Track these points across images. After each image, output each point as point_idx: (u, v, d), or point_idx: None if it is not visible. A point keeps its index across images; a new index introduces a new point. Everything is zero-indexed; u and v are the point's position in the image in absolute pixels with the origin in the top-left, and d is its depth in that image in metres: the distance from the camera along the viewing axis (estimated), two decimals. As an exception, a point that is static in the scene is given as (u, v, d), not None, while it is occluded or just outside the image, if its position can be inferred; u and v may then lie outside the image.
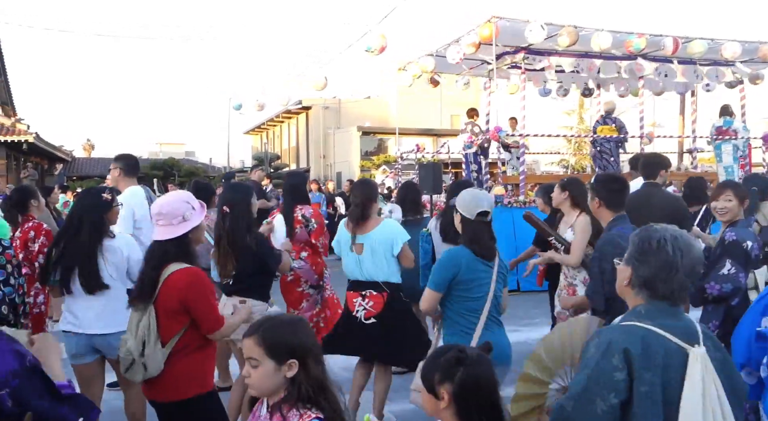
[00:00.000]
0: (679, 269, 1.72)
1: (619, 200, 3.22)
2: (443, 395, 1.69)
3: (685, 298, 1.86)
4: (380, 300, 3.93)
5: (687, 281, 1.75)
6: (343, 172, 30.55)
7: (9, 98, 24.61)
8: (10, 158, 19.00)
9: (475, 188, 3.27)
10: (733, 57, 10.09)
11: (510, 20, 9.07)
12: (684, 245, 1.75)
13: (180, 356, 2.56)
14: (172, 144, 44.68)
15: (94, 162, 33.96)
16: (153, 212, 2.66)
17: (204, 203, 2.81)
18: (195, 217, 2.65)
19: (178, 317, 2.56)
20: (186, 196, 2.73)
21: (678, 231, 1.79)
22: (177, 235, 2.59)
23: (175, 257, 2.58)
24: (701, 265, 1.80)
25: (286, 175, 5.57)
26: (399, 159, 13.87)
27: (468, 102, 16.61)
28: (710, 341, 1.75)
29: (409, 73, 11.44)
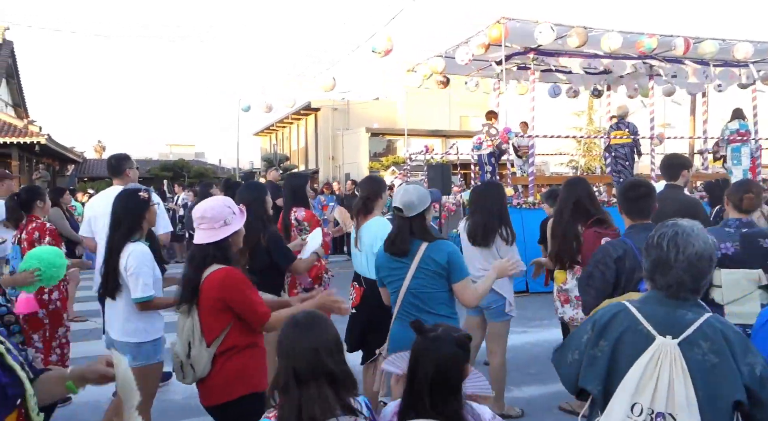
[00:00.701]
0: (672, 264, 1.80)
1: (636, 208, 3.11)
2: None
3: (692, 291, 1.82)
4: (359, 293, 4.07)
5: (685, 276, 1.79)
6: (351, 173, 30.57)
7: (21, 100, 24.84)
8: (22, 160, 19.16)
9: (415, 185, 3.16)
10: (745, 58, 10.01)
11: (519, 21, 9.05)
12: (682, 242, 1.80)
13: (228, 356, 2.59)
14: (182, 145, 44.96)
15: (104, 163, 34.05)
16: (195, 216, 2.69)
17: (244, 208, 2.86)
18: (236, 221, 2.71)
19: (220, 316, 2.59)
20: (228, 201, 2.77)
21: (683, 227, 1.83)
22: (218, 239, 2.64)
23: (213, 259, 2.64)
24: (706, 260, 1.80)
25: (288, 177, 5.56)
26: (408, 160, 13.86)
27: (476, 103, 16.59)
28: (709, 342, 1.72)
29: (419, 75, 11.44)
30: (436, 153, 14.45)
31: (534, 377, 4.87)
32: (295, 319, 1.90)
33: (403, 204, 2.98)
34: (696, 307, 1.84)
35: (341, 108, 34.33)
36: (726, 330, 1.76)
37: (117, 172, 4.62)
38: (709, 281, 1.87)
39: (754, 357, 1.72)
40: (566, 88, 12.81)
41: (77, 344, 5.26)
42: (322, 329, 1.86)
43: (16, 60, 23.15)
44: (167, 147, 45.35)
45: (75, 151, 25.94)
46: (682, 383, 1.70)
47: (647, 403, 1.72)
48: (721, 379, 1.69)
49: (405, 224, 3.02)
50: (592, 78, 12.13)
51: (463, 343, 1.87)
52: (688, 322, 1.77)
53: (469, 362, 1.93)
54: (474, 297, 3.04)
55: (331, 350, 1.83)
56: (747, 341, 1.77)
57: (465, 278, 2.98)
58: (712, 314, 1.82)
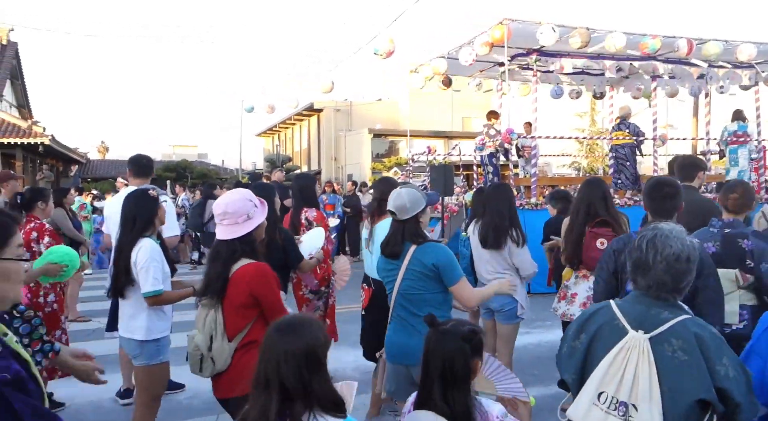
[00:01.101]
0: (651, 266, 1.86)
1: (661, 207, 3.03)
2: None
3: (673, 291, 1.87)
4: (368, 295, 4.11)
5: (665, 277, 1.85)
6: (354, 174, 30.57)
7: (26, 101, 24.92)
8: (26, 160, 19.23)
9: (408, 189, 3.15)
10: (748, 59, 10.00)
11: (522, 22, 9.06)
12: (660, 243, 1.86)
13: (246, 351, 2.58)
14: (185, 146, 45.07)
15: (108, 164, 34.30)
16: (217, 212, 2.66)
17: (265, 201, 2.84)
18: (258, 214, 2.69)
19: (246, 312, 2.58)
20: (248, 194, 2.72)
21: (662, 230, 1.90)
22: (243, 233, 2.61)
23: (242, 254, 2.62)
24: (683, 261, 1.84)
25: (295, 177, 5.56)
26: (410, 161, 13.87)
27: (479, 104, 16.59)
28: (680, 340, 1.77)
29: (422, 75, 11.45)
30: (439, 154, 14.45)
31: (537, 378, 4.87)
32: (279, 322, 1.82)
33: (396, 207, 3.02)
34: (674, 308, 1.89)
35: (344, 109, 34.35)
36: (702, 332, 1.79)
37: (148, 172, 4.65)
38: (690, 281, 1.90)
39: (729, 359, 1.75)
40: (568, 89, 12.81)
41: (79, 344, 5.27)
42: (298, 336, 1.74)
43: (20, 61, 23.22)
44: (170, 148, 45.47)
45: (78, 151, 26.02)
46: (647, 375, 1.77)
47: (612, 392, 1.81)
48: (688, 377, 1.74)
49: (398, 227, 3.06)
50: (594, 79, 12.14)
51: (470, 338, 1.89)
52: (662, 320, 1.83)
53: (481, 358, 1.96)
54: (473, 297, 3.07)
55: (297, 360, 1.70)
56: (723, 344, 1.79)
57: (459, 278, 2.97)
58: (690, 317, 1.86)
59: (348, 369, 5.25)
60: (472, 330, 1.93)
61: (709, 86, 12.13)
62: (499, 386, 2.25)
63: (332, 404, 1.72)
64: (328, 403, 1.71)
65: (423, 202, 3.07)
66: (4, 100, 20.85)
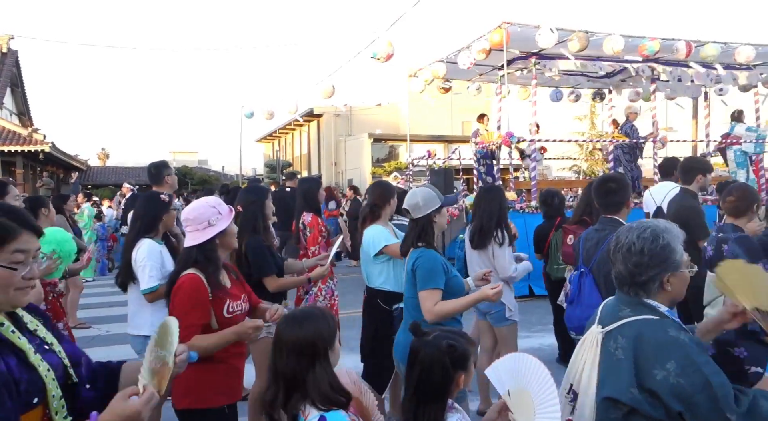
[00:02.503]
0: (612, 258, 1.93)
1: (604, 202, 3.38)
2: None
3: (633, 286, 1.87)
4: (364, 301, 4.10)
5: (622, 268, 1.87)
6: (354, 179, 30.59)
7: (26, 109, 24.98)
8: (27, 168, 19.25)
9: (423, 187, 3.22)
10: (747, 60, 10.01)
11: (521, 26, 9.07)
12: (621, 237, 1.90)
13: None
14: (186, 152, 45.14)
15: (108, 171, 34.32)
16: (182, 219, 2.64)
17: (233, 208, 2.75)
18: (221, 222, 2.57)
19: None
20: (213, 201, 2.65)
21: (629, 224, 1.94)
22: (203, 240, 2.53)
23: (195, 262, 2.53)
24: (636, 253, 1.83)
25: (300, 181, 5.56)
26: (410, 166, 13.88)
27: (479, 108, 16.58)
28: (624, 339, 1.79)
29: (421, 80, 11.46)
30: (439, 158, 14.46)
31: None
32: (289, 314, 1.90)
33: (409, 205, 3.06)
34: (640, 306, 1.84)
35: (343, 114, 34.40)
36: (647, 334, 1.75)
37: (157, 179, 4.66)
38: (652, 277, 1.82)
39: (678, 367, 1.66)
40: (567, 92, 12.83)
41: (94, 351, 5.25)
42: (299, 328, 1.79)
43: (20, 69, 23.29)
44: (170, 154, 45.52)
45: (79, 158, 26.05)
46: (590, 368, 1.86)
47: (572, 381, 1.93)
48: (613, 375, 1.78)
49: (411, 226, 3.10)
50: (593, 82, 12.16)
51: (449, 351, 1.82)
52: (619, 317, 1.86)
53: (465, 371, 1.86)
54: (429, 311, 2.84)
55: (295, 351, 1.75)
56: (679, 347, 1.69)
57: (426, 289, 2.86)
58: (647, 318, 1.79)
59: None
60: (452, 344, 1.85)
61: (708, 88, 12.14)
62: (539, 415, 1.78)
63: (330, 397, 1.74)
64: (327, 396, 1.73)
65: (438, 202, 3.05)
66: (4, 108, 20.90)
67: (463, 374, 1.87)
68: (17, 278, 1.47)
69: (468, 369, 1.89)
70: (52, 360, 1.55)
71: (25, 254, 1.49)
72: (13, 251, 1.46)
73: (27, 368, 1.47)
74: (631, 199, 3.42)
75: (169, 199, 3.61)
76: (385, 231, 3.98)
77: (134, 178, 25.11)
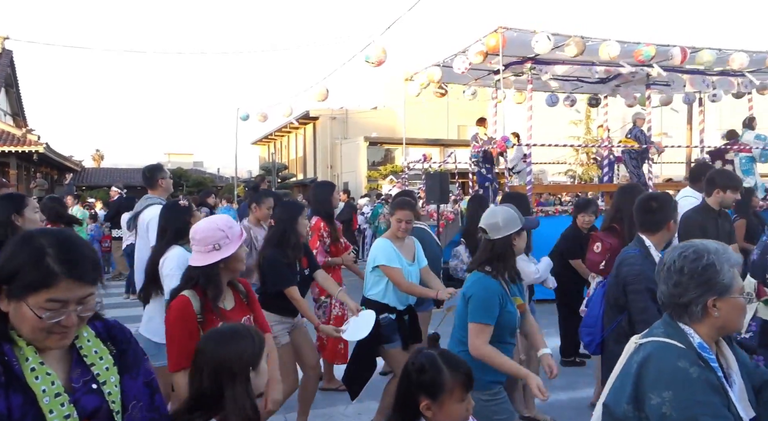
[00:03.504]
0: (657, 278, 1.87)
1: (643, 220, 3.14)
2: None
3: (675, 307, 1.79)
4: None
5: (664, 288, 1.82)
6: (350, 182, 30.58)
7: (20, 109, 24.86)
8: (20, 169, 19.15)
9: (504, 207, 2.99)
10: (740, 67, 10.06)
11: (517, 31, 9.09)
12: (667, 256, 1.84)
13: None
14: (181, 154, 45.03)
15: (103, 172, 34.19)
16: (190, 236, 2.57)
17: (244, 232, 2.65)
18: (228, 247, 2.44)
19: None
20: (223, 223, 2.51)
21: (675, 245, 1.89)
22: (206, 263, 2.44)
23: (194, 285, 2.46)
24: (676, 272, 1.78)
25: (314, 185, 5.61)
26: (406, 169, 13.86)
27: (475, 112, 16.61)
28: (640, 356, 1.78)
29: (417, 83, 11.47)
30: (434, 162, 14.46)
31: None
32: (215, 329, 1.86)
33: (487, 225, 2.83)
34: (671, 329, 1.77)
35: (339, 117, 34.41)
36: (650, 361, 1.70)
37: (151, 182, 4.63)
38: (693, 300, 1.74)
39: (672, 396, 1.62)
40: (563, 97, 12.86)
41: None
42: (220, 346, 1.73)
43: (15, 69, 23.18)
44: (165, 156, 45.38)
45: (73, 160, 25.96)
46: (615, 373, 1.85)
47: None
48: (620, 386, 1.78)
49: (486, 247, 2.85)
50: (589, 86, 12.19)
51: (417, 371, 1.77)
52: (653, 333, 1.82)
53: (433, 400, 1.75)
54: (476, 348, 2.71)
55: (211, 369, 1.69)
56: (683, 381, 1.63)
57: (477, 322, 2.71)
58: (672, 343, 1.73)
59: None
60: (422, 365, 1.76)
61: (702, 95, 12.19)
62: None
63: (241, 418, 1.67)
64: (237, 417, 1.67)
65: (519, 224, 2.83)
66: (-2, 108, 20.79)
67: (427, 402, 1.75)
68: (47, 324, 1.31)
69: (439, 402, 1.75)
70: (88, 404, 1.38)
71: (62, 304, 1.32)
72: (47, 299, 1.30)
73: (33, 410, 1.31)
74: (674, 221, 3.10)
75: (189, 202, 3.67)
76: (388, 247, 3.93)
77: (128, 179, 25.02)
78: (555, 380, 2.93)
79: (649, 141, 10.72)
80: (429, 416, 1.76)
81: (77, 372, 1.40)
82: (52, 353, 1.38)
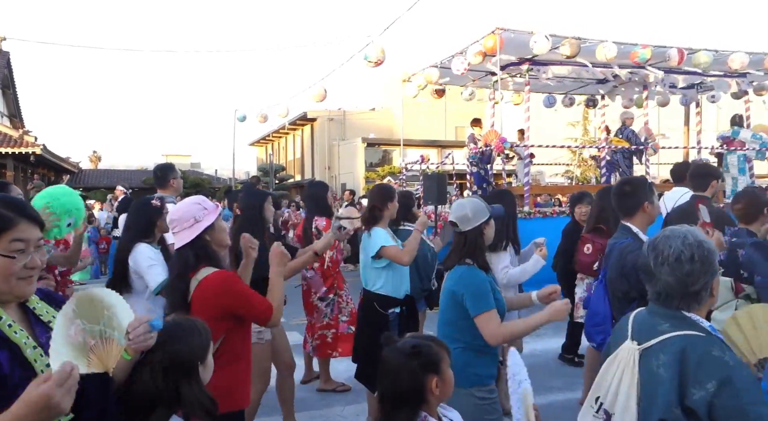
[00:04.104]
0: (654, 270, 1.80)
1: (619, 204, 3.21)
2: None
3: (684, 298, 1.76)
4: (360, 304, 4.13)
5: (670, 280, 1.75)
6: (347, 183, 30.57)
7: (17, 111, 24.81)
8: (17, 170, 19.11)
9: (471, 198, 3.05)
10: (741, 68, 10.08)
11: (514, 32, 9.11)
12: (661, 245, 1.79)
13: (220, 367, 2.42)
14: (178, 155, 44.97)
15: (100, 173, 34.13)
16: (168, 222, 2.64)
17: (218, 204, 2.73)
18: (207, 217, 2.55)
19: (217, 324, 2.43)
20: (197, 198, 2.64)
21: (665, 231, 1.84)
22: (191, 238, 2.51)
23: (197, 261, 2.51)
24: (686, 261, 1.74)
25: (309, 185, 5.64)
26: (403, 170, 13.87)
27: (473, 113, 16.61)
28: (667, 356, 1.68)
29: (414, 84, 11.48)
30: (432, 163, 14.47)
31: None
32: (165, 324, 1.78)
33: (457, 218, 2.85)
34: (680, 321, 1.74)
35: (337, 118, 34.40)
36: (693, 350, 1.65)
37: (162, 182, 4.63)
38: (704, 285, 1.75)
39: (718, 384, 1.58)
40: (561, 97, 12.88)
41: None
42: (171, 340, 1.71)
43: (12, 70, 23.14)
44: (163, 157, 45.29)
45: (70, 161, 25.88)
46: (626, 387, 1.75)
47: (602, 398, 1.82)
48: (660, 394, 1.67)
49: (459, 240, 2.86)
50: (586, 88, 12.21)
51: (414, 354, 1.77)
52: (658, 332, 1.75)
53: (438, 374, 1.79)
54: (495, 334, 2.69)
55: (162, 365, 1.67)
56: (722, 367, 1.62)
57: (482, 312, 2.69)
58: (694, 334, 1.70)
59: (341, 378, 5.20)
60: (416, 346, 1.79)
61: (699, 95, 12.21)
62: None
63: (203, 412, 1.69)
64: (197, 410, 1.68)
65: (487, 213, 2.87)
66: (-5, 109, 20.74)
67: (435, 378, 1.78)
68: (17, 267, 1.46)
69: (442, 373, 1.80)
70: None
71: (25, 243, 1.48)
72: (11, 240, 1.46)
73: (21, 364, 1.44)
74: (650, 202, 3.13)
75: (161, 203, 3.56)
76: (383, 233, 3.99)
77: (126, 181, 24.99)
78: (553, 380, 2.93)
79: (639, 141, 10.75)
80: (437, 393, 1.79)
81: (38, 329, 1.53)
82: (12, 313, 1.51)
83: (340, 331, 4.94)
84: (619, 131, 10.72)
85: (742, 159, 9.96)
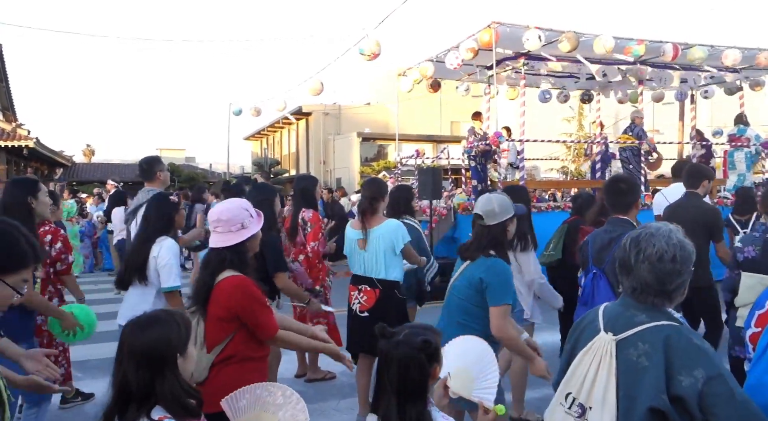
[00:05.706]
0: (633, 266, 1.78)
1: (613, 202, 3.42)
2: None
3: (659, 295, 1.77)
4: (372, 296, 4.13)
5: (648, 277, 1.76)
6: (343, 178, 30.54)
7: (10, 104, 24.63)
8: (10, 163, 19.00)
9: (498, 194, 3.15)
10: (733, 64, 10.11)
11: (510, 26, 9.09)
12: (643, 242, 1.78)
13: (222, 367, 2.51)
14: (173, 149, 44.71)
15: (93, 167, 33.96)
16: (211, 219, 2.63)
17: (261, 212, 2.78)
18: (253, 225, 2.62)
19: (224, 325, 2.51)
20: (244, 203, 2.68)
21: (648, 228, 1.82)
22: (235, 242, 2.56)
23: (230, 264, 2.56)
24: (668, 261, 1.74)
25: (297, 178, 5.69)
26: (399, 165, 13.86)
27: (468, 108, 16.61)
28: (647, 345, 1.70)
29: (409, 79, 11.46)
30: (427, 157, 14.46)
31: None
32: (140, 316, 1.77)
33: (484, 212, 2.96)
34: (656, 312, 1.77)
35: (332, 113, 34.31)
36: (677, 338, 1.69)
37: (149, 175, 4.63)
38: (680, 284, 1.77)
39: (706, 372, 1.63)
40: (556, 93, 12.89)
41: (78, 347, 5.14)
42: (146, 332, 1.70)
43: (4, 63, 22.95)
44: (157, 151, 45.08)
45: (64, 155, 25.73)
46: (605, 379, 1.74)
47: (575, 392, 1.80)
48: (645, 383, 1.68)
49: (482, 232, 2.97)
50: (581, 83, 12.21)
51: (425, 347, 1.81)
52: (635, 323, 1.76)
53: (438, 362, 1.87)
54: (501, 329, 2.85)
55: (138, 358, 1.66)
56: (704, 355, 1.67)
57: (500, 304, 2.83)
58: (671, 324, 1.73)
59: (335, 373, 5.21)
60: (426, 339, 1.83)
61: (694, 91, 12.24)
62: (476, 390, 2.11)
63: (179, 406, 1.67)
64: (174, 405, 1.67)
65: (512, 210, 2.99)
66: (-12, 102, 20.60)
67: (437, 366, 1.87)
68: (14, 300, 1.73)
69: (440, 360, 1.89)
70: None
71: (27, 283, 1.76)
72: (23, 278, 1.73)
73: None
74: (641, 200, 3.41)
75: (178, 199, 3.64)
76: (404, 228, 4.19)
77: (120, 175, 24.88)
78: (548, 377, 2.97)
79: (648, 141, 10.76)
80: (436, 378, 1.87)
81: None
82: None
83: (331, 322, 4.94)
84: (628, 129, 10.67)
85: (750, 156, 10.05)
